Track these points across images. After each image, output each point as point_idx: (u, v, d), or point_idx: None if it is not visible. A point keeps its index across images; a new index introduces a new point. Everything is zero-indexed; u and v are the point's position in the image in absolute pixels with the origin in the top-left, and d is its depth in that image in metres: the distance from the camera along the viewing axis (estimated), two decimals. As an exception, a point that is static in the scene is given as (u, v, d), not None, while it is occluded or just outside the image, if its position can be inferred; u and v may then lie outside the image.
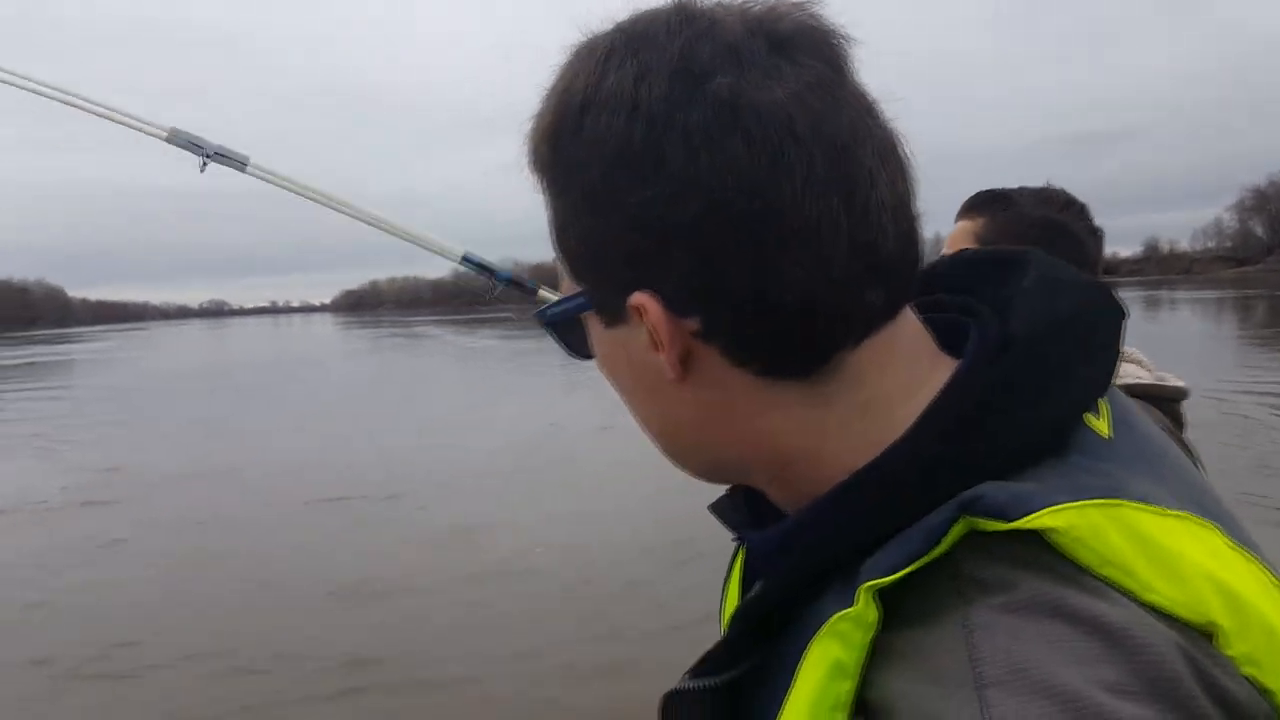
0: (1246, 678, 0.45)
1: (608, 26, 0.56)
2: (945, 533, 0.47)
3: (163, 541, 7.99)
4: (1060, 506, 0.46)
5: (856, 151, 0.52)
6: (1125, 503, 0.48)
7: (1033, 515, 0.46)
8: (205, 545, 7.81)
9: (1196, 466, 1.36)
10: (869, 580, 0.47)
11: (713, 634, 0.60)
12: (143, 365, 36.87)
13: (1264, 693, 0.45)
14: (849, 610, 0.47)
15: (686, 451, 0.62)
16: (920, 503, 0.49)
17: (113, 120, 2.02)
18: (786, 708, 0.49)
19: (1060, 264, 0.61)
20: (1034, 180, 1.71)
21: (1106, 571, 0.46)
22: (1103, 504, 0.47)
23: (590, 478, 9.83)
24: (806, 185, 0.50)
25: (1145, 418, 0.61)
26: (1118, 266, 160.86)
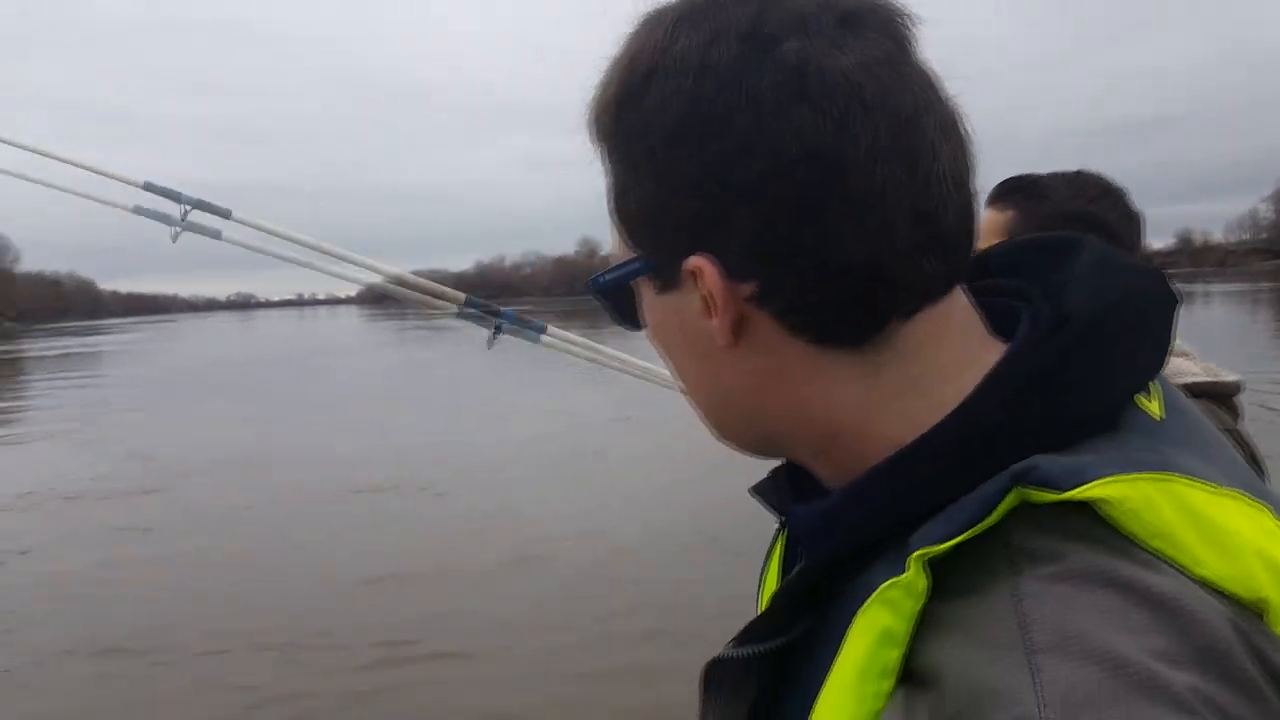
0: None
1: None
2: (998, 502, 0.47)
3: (193, 529, 8.13)
4: (1113, 478, 0.46)
5: (921, 123, 0.52)
6: (1177, 477, 0.48)
7: (1085, 486, 0.46)
8: (237, 533, 7.96)
9: (1256, 460, 1.38)
10: (920, 549, 0.47)
11: (736, 616, 0.60)
12: (173, 357, 37.32)
13: None
14: (899, 578, 0.47)
15: (735, 422, 0.62)
16: (973, 474, 0.48)
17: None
18: (834, 674, 0.49)
19: (1114, 249, 0.61)
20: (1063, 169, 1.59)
21: (1156, 544, 0.46)
22: (1155, 477, 0.48)
23: (609, 469, 9.95)
24: (871, 153, 0.51)
25: (1193, 405, 0.61)
26: (1149, 259, 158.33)
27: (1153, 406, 0.55)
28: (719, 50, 0.52)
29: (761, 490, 0.68)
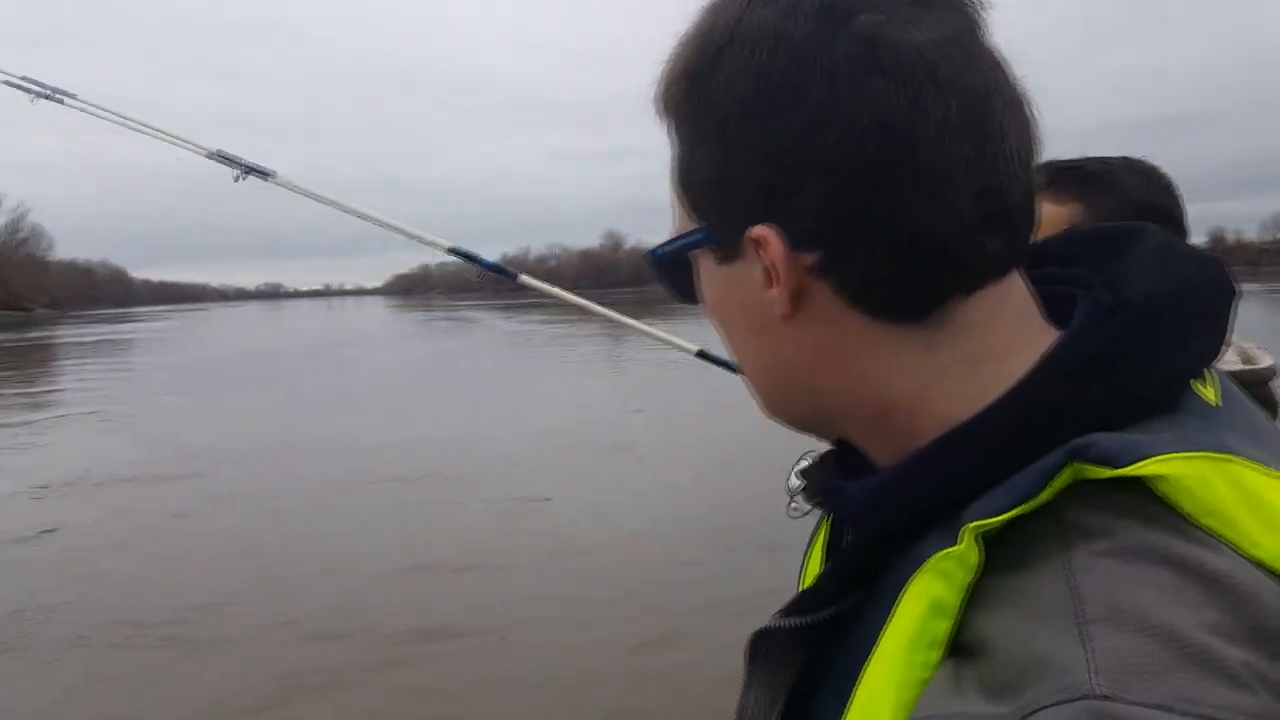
0: None
1: None
2: (1053, 477, 0.47)
3: (225, 516, 8.30)
4: (1169, 455, 0.46)
5: (990, 102, 0.53)
6: (1235, 458, 0.48)
7: (1142, 462, 0.46)
8: (267, 520, 8.11)
9: None
10: (974, 521, 0.47)
11: (759, 609, 0.61)
12: (203, 345, 37.67)
13: None
14: (953, 549, 0.47)
15: (788, 397, 0.62)
16: (1029, 451, 0.49)
17: (160, 138, 2.56)
18: (882, 643, 0.49)
19: (1176, 238, 0.61)
20: None
21: (1209, 522, 0.45)
22: (1212, 457, 0.47)
23: (635, 460, 10.05)
24: (942, 128, 0.51)
25: (1244, 394, 0.62)
26: None
27: (1209, 392, 0.55)
28: (794, 23, 0.53)
29: (809, 474, 0.68)
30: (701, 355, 2.38)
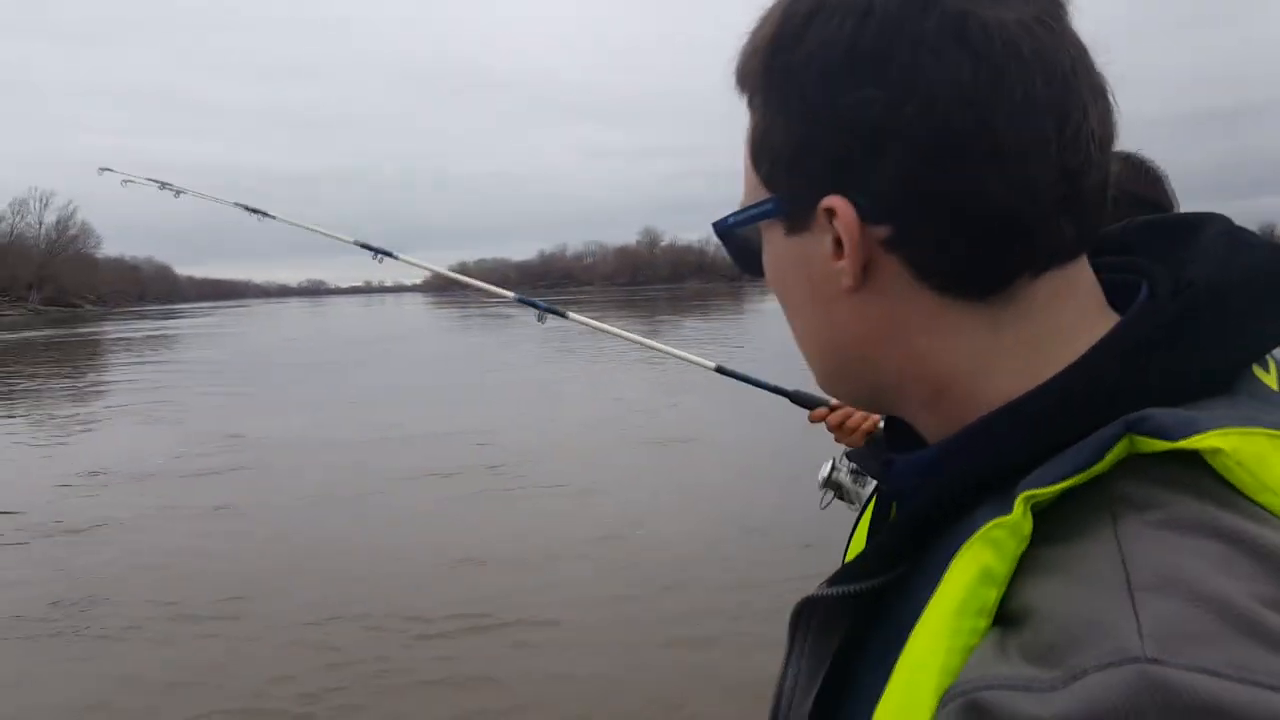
0: None
1: None
2: (1109, 449, 0.47)
3: (273, 508, 8.47)
4: (1226, 430, 0.46)
5: (1074, 82, 0.53)
6: None
7: (1198, 435, 0.46)
8: (315, 512, 8.27)
9: None
10: (1028, 490, 0.47)
11: (787, 598, 0.61)
12: (248, 341, 38.21)
13: None
14: (1005, 517, 0.47)
15: (846, 371, 0.63)
16: (1085, 426, 0.49)
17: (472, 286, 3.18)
18: (930, 610, 0.49)
19: (1240, 227, 0.61)
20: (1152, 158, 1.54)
21: (1264, 498, 0.46)
22: (1271, 434, 0.47)
23: (663, 453, 10.11)
24: (1025, 105, 0.51)
25: None
26: None
27: (1270, 379, 0.55)
28: None
29: (858, 456, 0.70)
30: (720, 370, 2.45)
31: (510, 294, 2.78)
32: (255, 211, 3.05)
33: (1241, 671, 0.37)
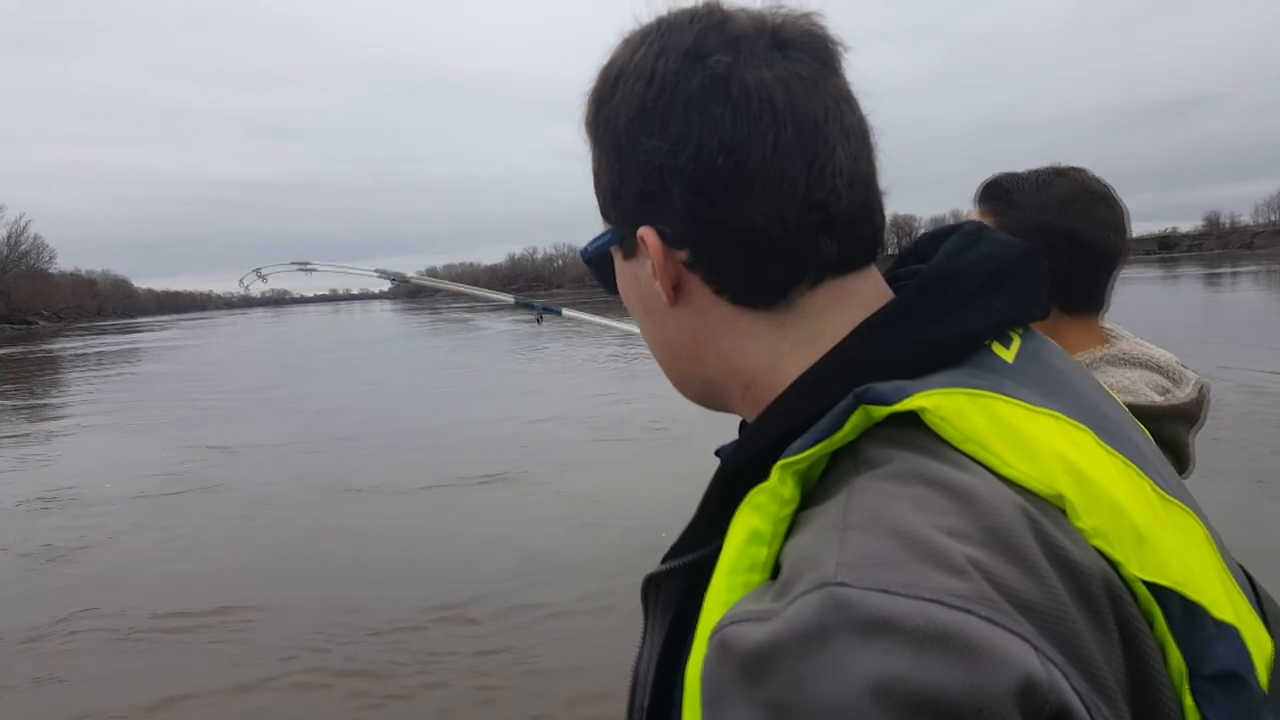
0: (1096, 548, 0.52)
1: (653, 18, 0.69)
2: (846, 419, 0.56)
3: (272, 520, 8.26)
4: (931, 392, 0.56)
5: (824, 127, 0.63)
6: (994, 395, 0.57)
7: (907, 399, 0.55)
8: (327, 519, 8.13)
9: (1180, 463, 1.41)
10: (783, 460, 0.55)
11: None
12: (220, 351, 37.95)
13: (1114, 564, 0.52)
14: (764, 484, 0.56)
15: (682, 374, 0.73)
16: (830, 400, 0.58)
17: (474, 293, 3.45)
18: (716, 570, 0.56)
19: (985, 227, 0.70)
20: (1098, 153, 1.57)
21: (968, 448, 0.54)
22: (971, 393, 0.56)
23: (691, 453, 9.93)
24: (775, 149, 0.62)
25: (1070, 360, 0.71)
26: (1177, 241, 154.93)
27: (1006, 354, 0.63)
28: (664, 61, 0.64)
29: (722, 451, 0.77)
30: (518, 304, 3.11)
31: (509, 298, 3.21)
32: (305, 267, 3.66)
33: (911, 589, 0.45)
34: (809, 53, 0.64)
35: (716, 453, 0.71)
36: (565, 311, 2.95)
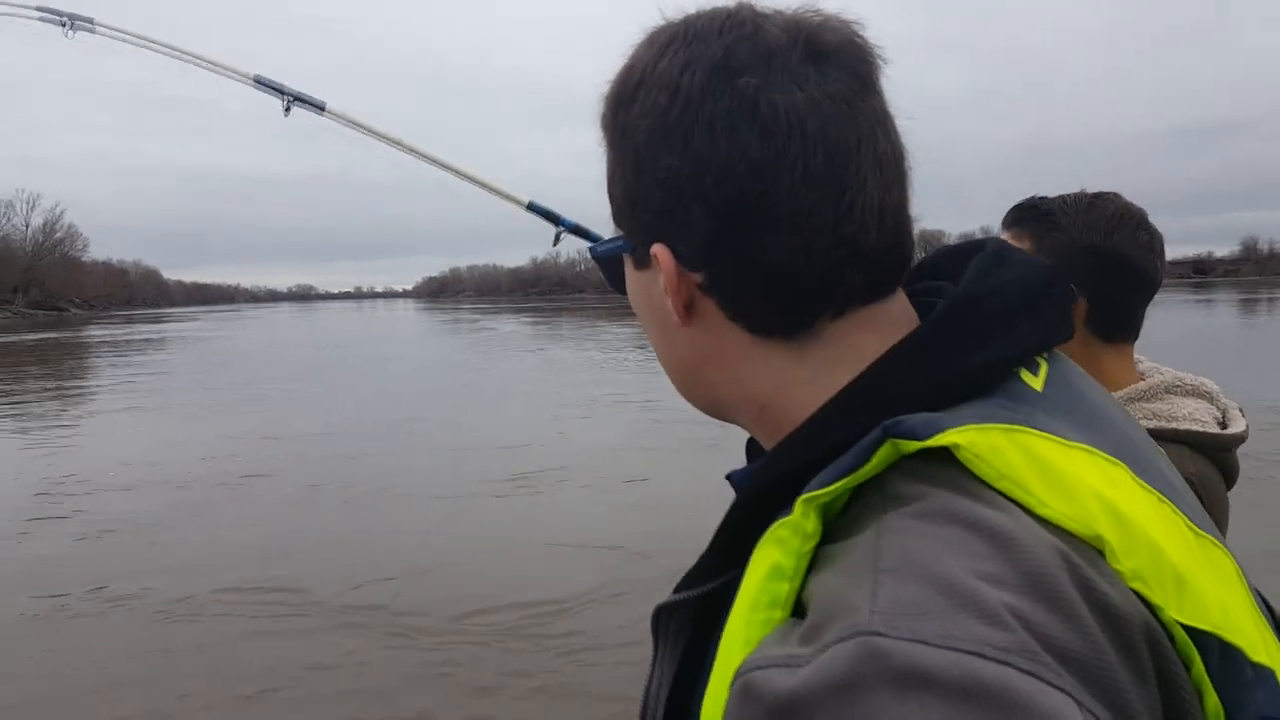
0: (1134, 590, 0.49)
1: (679, 16, 0.65)
2: (873, 452, 0.53)
3: (324, 507, 8.36)
4: (966, 427, 0.52)
5: (856, 157, 0.59)
6: (1029, 430, 0.54)
7: (940, 434, 0.52)
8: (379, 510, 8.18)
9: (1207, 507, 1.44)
10: (806, 493, 0.53)
11: None
12: (250, 343, 38.01)
13: (1152, 607, 0.49)
14: (787, 518, 0.53)
15: (689, 387, 0.70)
16: (856, 431, 0.54)
17: (202, 66, 2.17)
18: (734, 606, 0.54)
19: (1009, 247, 0.67)
20: (1129, 176, 1.62)
21: (1003, 485, 0.51)
22: (1005, 428, 0.53)
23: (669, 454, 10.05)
24: (804, 180, 0.58)
25: (1096, 386, 0.68)
26: (1212, 266, 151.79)
27: (1035, 382, 0.60)
28: (690, 75, 0.60)
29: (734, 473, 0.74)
30: (530, 208, 1.82)
31: (524, 199, 1.84)
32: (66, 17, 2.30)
33: (947, 639, 0.43)
34: (846, 68, 0.60)
35: (728, 477, 0.69)
36: (329, 108, 2.03)
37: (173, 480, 9.60)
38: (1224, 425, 1.44)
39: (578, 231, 1.78)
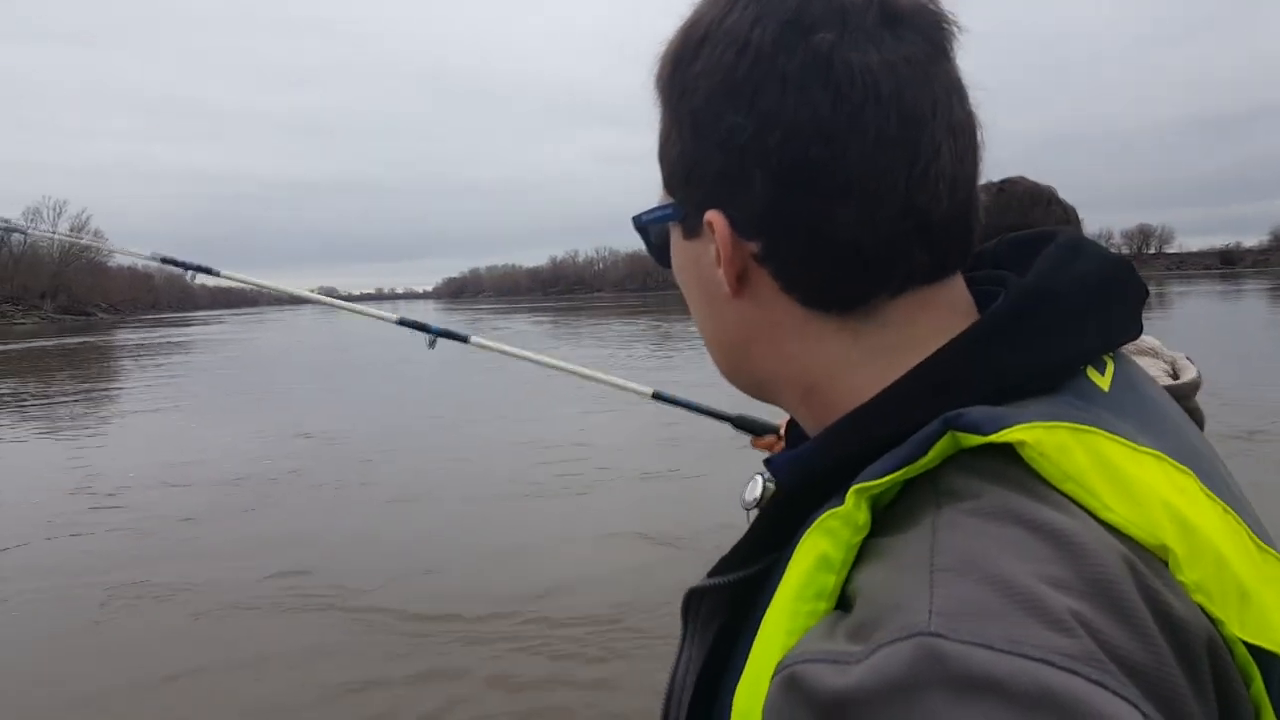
0: (1197, 604, 0.47)
1: None
2: (932, 445, 0.50)
3: (368, 506, 8.51)
4: (1032, 424, 0.50)
5: (930, 124, 0.56)
6: (1098, 431, 0.52)
7: (1006, 430, 0.49)
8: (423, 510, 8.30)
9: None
10: (859, 484, 0.51)
11: None
12: (273, 346, 38.31)
13: (1214, 621, 0.47)
14: (838, 508, 0.51)
15: (734, 365, 0.68)
16: (914, 422, 0.52)
17: (348, 309, 2.67)
18: (777, 595, 0.52)
19: (1084, 239, 0.64)
20: (1156, 165, 1.70)
21: (1068, 487, 0.49)
22: (1074, 428, 0.51)
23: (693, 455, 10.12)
24: (876, 144, 0.55)
25: (1159, 388, 0.66)
26: (1240, 256, 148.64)
27: (1102, 381, 0.58)
28: (761, 30, 0.57)
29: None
30: (657, 397, 2.15)
31: (391, 317, 2.44)
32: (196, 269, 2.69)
33: (1013, 645, 0.41)
34: (921, 32, 0.58)
35: (766, 463, 0.67)
36: (474, 339, 2.32)
37: (226, 477, 9.76)
38: (1175, 376, 1.53)
39: (449, 335, 2.30)
